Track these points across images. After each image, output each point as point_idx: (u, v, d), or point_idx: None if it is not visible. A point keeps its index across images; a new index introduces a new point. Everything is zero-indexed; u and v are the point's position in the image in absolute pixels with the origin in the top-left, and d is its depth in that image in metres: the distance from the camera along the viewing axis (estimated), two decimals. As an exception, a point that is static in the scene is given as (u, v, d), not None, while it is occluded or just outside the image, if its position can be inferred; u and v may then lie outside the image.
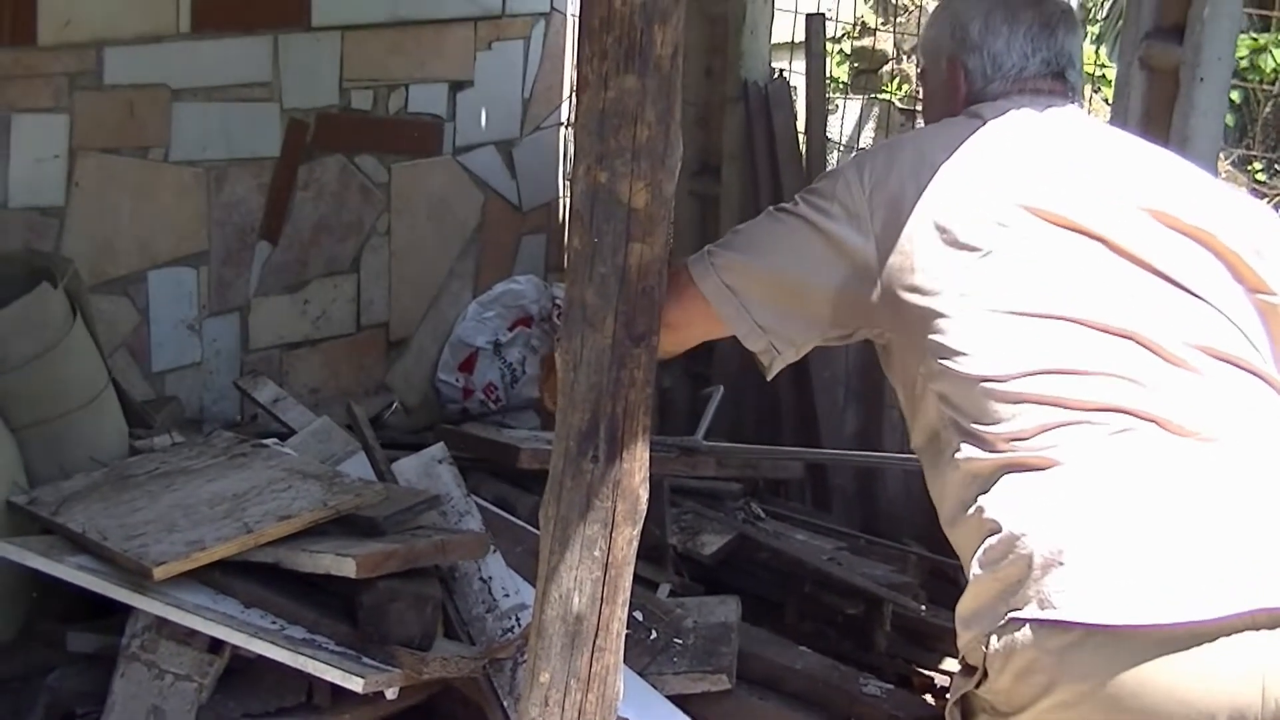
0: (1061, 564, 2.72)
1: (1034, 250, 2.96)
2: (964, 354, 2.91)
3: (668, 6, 2.88)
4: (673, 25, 2.89)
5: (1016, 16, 3.30)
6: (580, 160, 2.94)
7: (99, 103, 5.41)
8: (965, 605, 2.92)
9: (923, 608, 5.02)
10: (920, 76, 3.55)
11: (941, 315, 2.95)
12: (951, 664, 4.84)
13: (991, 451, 2.88)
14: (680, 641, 4.38)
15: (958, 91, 3.31)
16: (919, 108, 3.84)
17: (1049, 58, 3.28)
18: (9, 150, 5.20)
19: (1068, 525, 2.75)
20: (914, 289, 2.98)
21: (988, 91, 3.28)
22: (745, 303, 3.12)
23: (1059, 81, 3.29)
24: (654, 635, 4.37)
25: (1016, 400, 2.85)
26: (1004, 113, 3.18)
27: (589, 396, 2.99)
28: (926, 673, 4.91)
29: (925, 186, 3.02)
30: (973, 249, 2.96)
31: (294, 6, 5.93)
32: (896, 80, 9.56)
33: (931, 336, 2.95)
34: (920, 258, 2.98)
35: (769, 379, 3.29)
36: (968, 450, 2.92)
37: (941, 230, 2.98)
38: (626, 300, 2.95)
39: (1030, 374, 2.86)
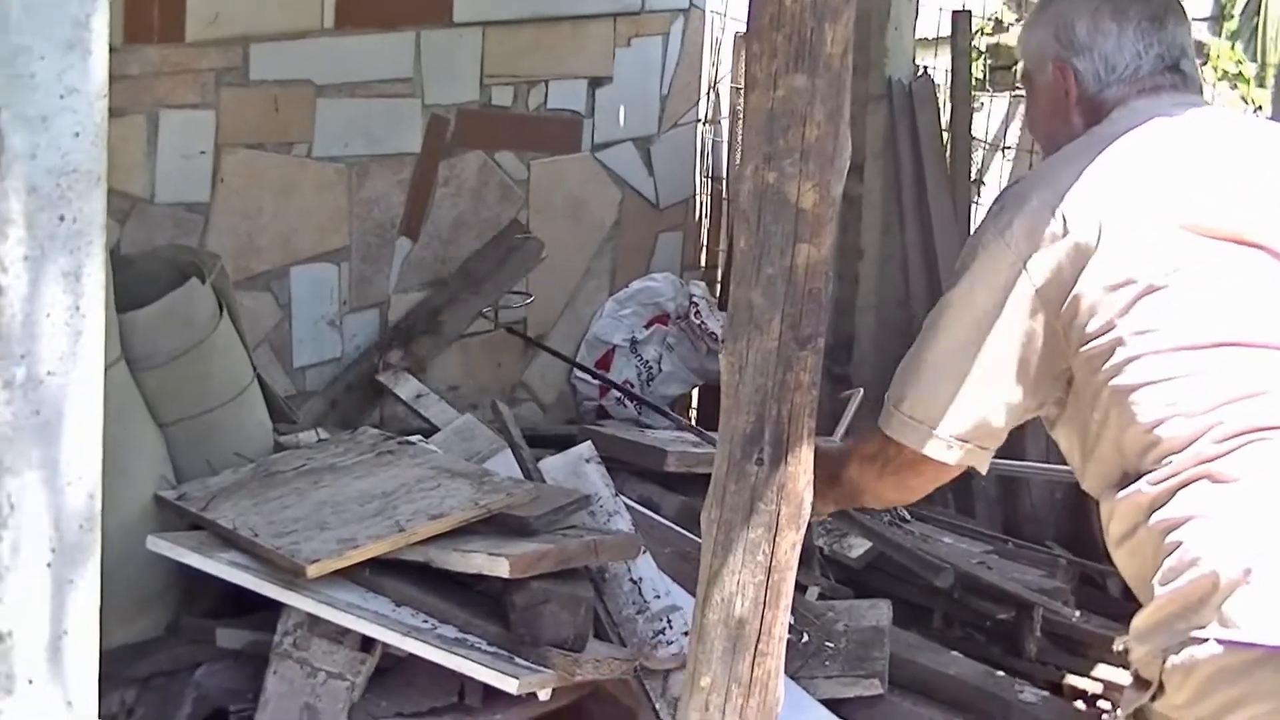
0: (1248, 584, 2.65)
1: (1200, 275, 2.88)
2: (1142, 398, 2.84)
3: (839, 4, 2.82)
4: (843, 23, 2.83)
5: (1124, 12, 3.16)
6: (748, 160, 2.89)
7: (244, 99, 5.42)
8: (1143, 620, 2.85)
9: (1076, 613, 4.95)
10: (1023, 80, 3.41)
11: (1116, 360, 2.87)
12: (1104, 671, 4.78)
13: (1168, 478, 2.82)
14: (832, 645, 4.35)
15: (1068, 95, 3.19)
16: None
17: (1162, 52, 3.16)
18: (156, 146, 5.22)
19: (1254, 543, 2.68)
20: (1086, 336, 2.90)
21: (1105, 95, 3.15)
22: (969, 435, 3.07)
23: (1176, 75, 3.17)
24: (805, 639, 4.34)
25: (1198, 435, 2.78)
26: (1131, 127, 3.06)
27: (754, 399, 2.94)
28: (1078, 679, 4.84)
29: (1072, 230, 2.92)
30: (1141, 285, 2.87)
31: (436, 2, 5.93)
32: (1031, 77, 9.45)
33: (1111, 382, 2.87)
34: (1087, 302, 2.90)
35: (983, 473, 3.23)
36: (1143, 483, 2.85)
37: (1104, 270, 2.89)
38: (793, 302, 2.90)
39: (1211, 409, 2.79)
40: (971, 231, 6.40)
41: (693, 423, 6.77)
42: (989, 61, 9.62)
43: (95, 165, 2.33)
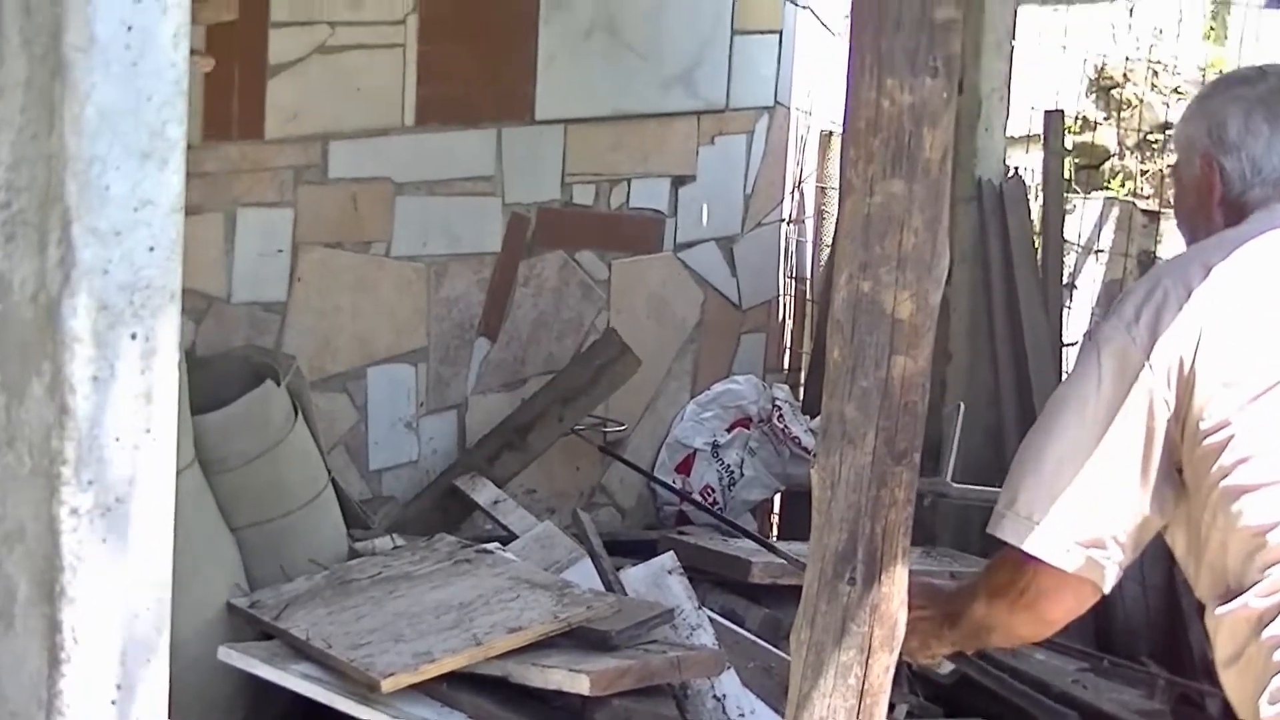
0: None
1: None
2: (1252, 500, 2.73)
3: (938, 108, 2.74)
4: (943, 128, 2.75)
5: (1278, 116, 3.10)
6: (842, 268, 2.80)
7: (323, 197, 5.38)
8: None
9: (1177, 737, 4.82)
10: (1172, 171, 3.36)
11: (1228, 459, 2.76)
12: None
13: (1277, 590, 2.70)
14: (924, 768, 4.22)
15: (1212, 192, 3.10)
16: (1162, 208, 3.58)
17: None
18: (234, 244, 5.19)
19: None
20: (1202, 434, 2.79)
21: (1247, 197, 3.06)
22: (1089, 540, 2.89)
23: None
24: (897, 761, 4.22)
25: None
26: (1267, 229, 2.97)
27: (847, 516, 2.84)
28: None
29: (1196, 327, 2.83)
30: (1258, 384, 2.77)
31: (518, 100, 5.88)
32: (1119, 177, 9.37)
33: (1222, 483, 2.76)
34: (1203, 399, 2.79)
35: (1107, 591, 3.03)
36: (1250, 595, 2.73)
37: (1223, 368, 2.80)
38: (888, 416, 2.80)
39: None
40: (1063, 336, 6.36)
41: (775, 529, 6.66)
42: (1076, 160, 9.54)
43: (169, 281, 2.26)
